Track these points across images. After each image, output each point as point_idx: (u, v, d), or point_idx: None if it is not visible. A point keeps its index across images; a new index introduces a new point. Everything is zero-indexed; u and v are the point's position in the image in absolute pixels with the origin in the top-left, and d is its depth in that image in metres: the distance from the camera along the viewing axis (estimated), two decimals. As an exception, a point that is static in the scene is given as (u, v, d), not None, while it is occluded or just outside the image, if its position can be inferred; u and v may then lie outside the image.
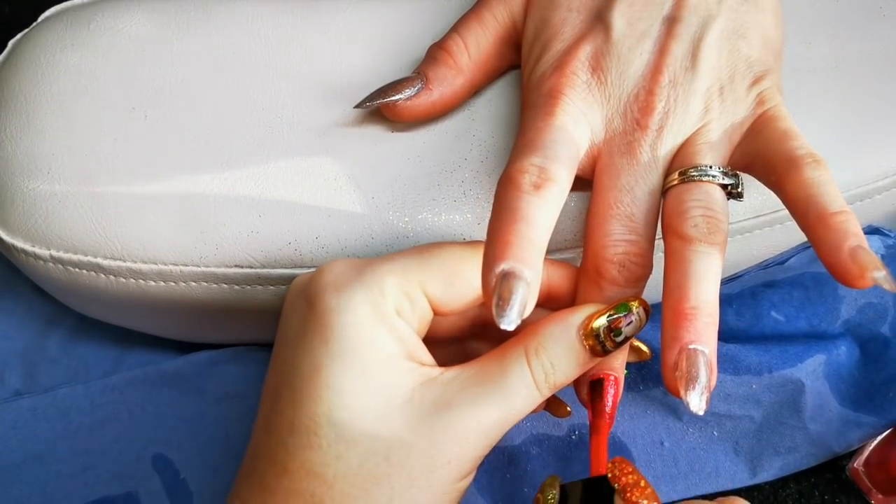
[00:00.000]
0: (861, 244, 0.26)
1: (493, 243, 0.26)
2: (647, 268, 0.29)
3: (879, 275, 0.25)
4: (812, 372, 0.36)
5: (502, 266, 0.25)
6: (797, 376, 0.36)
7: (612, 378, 0.30)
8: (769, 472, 0.37)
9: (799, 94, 0.35)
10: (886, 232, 0.37)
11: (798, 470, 0.37)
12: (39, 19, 0.37)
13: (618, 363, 0.30)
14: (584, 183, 0.31)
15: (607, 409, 0.30)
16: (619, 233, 0.29)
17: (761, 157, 0.29)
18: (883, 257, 0.36)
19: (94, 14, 0.36)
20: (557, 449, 0.38)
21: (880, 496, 0.37)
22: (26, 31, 0.37)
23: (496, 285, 0.25)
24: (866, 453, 0.38)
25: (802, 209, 0.27)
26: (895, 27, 0.37)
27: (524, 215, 0.26)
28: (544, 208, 0.27)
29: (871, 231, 0.37)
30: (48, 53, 0.35)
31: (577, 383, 0.30)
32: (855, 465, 0.38)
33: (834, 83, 0.36)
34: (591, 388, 0.30)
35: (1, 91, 0.35)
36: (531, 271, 0.25)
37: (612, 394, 0.30)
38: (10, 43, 0.37)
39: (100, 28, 0.35)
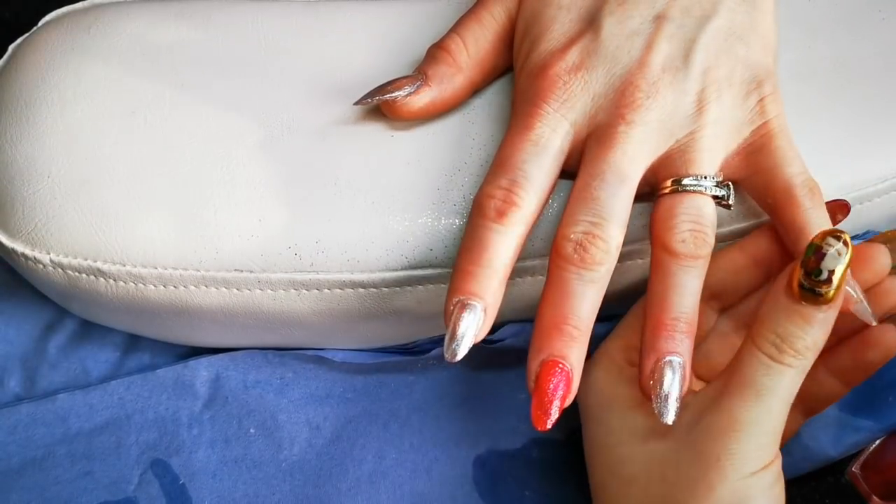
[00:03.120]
0: (849, 276, 0.28)
1: (455, 273, 0.29)
2: (608, 252, 0.29)
3: (858, 307, 0.29)
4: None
5: (459, 297, 0.28)
6: None
7: (559, 367, 0.28)
8: None
9: (799, 97, 0.35)
10: None
11: (793, 476, 0.37)
12: (40, 23, 0.37)
13: (574, 356, 0.28)
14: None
15: (552, 417, 0.28)
16: (581, 213, 0.29)
17: (759, 178, 0.31)
18: None
19: (95, 18, 0.36)
20: (560, 453, 0.38)
21: (878, 500, 0.37)
22: (27, 35, 0.37)
23: (452, 316, 0.28)
24: (864, 457, 0.38)
25: (794, 238, 0.30)
26: (894, 30, 0.37)
27: (486, 246, 0.29)
28: (507, 236, 0.29)
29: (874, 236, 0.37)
30: (48, 58, 0.35)
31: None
32: (853, 468, 0.38)
33: (834, 86, 0.36)
34: None
35: (1, 95, 0.35)
36: (484, 303, 0.28)
37: (561, 389, 0.28)
38: (11, 47, 0.37)
39: (100, 32, 0.35)
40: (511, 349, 0.37)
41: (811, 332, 0.28)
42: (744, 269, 0.32)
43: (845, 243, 0.27)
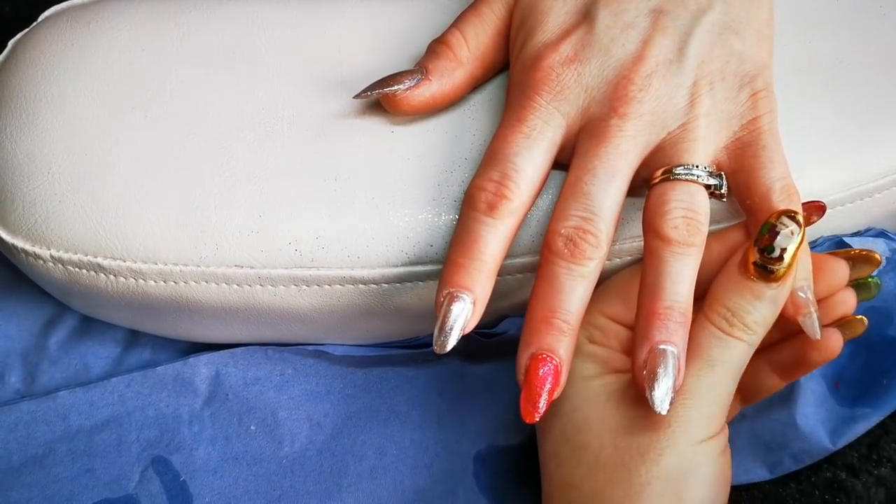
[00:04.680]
0: (808, 285, 0.30)
1: (446, 265, 0.29)
2: (598, 247, 0.29)
3: (806, 319, 0.30)
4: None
5: (449, 289, 0.29)
6: None
7: (548, 360, 0.29)
8: (761, 471, 0.37)
9: (799, 93, 0.35)
10: (892, 236, 0.37)
11: (793, 470, 0.37)
12: (40, 19, 0.37)
13: (562, 349, 0.29)
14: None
15: (540, 410, 0.29)
16: (572, 208, 0.29)
17: (742, 176, 0.31)
18: (888, 260, 0.36)
19: (95, 14, 0.36)
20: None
21: None
22: (26, 30, 0.37)
23: (442, 308, 0.28)
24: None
25: None
26: (895, 26, 0.37)
27: (476, 238, 0.29)
28: (498, 228, 0.29)
29: (876, 234, 0.37)
30: (48, 53, 0.35)
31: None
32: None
33: (834, 82, 0.36)
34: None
35: (1, 91, 0.35)
36: (473, 295, 0.29)
37: (550, 382, 0.29)
38: (11, 43, 0.37)
39: (100, 28, 0.35)
40: (513, 342, 0.37)
41: (760, 307, 0.29)
42: (717, 262, 0.32)
43: (798, 224, 0.28)
